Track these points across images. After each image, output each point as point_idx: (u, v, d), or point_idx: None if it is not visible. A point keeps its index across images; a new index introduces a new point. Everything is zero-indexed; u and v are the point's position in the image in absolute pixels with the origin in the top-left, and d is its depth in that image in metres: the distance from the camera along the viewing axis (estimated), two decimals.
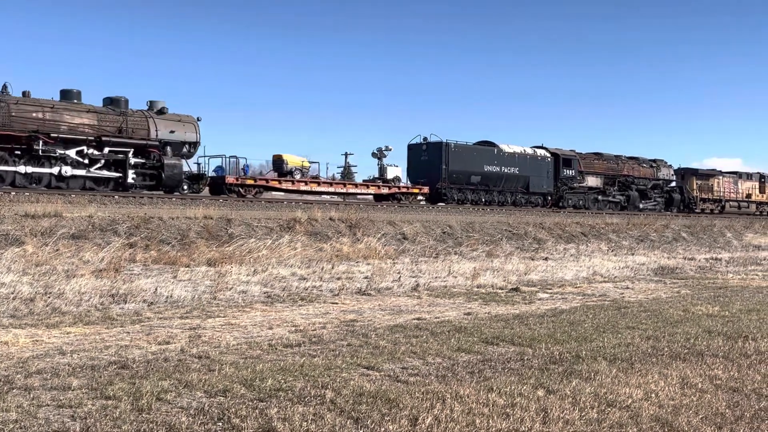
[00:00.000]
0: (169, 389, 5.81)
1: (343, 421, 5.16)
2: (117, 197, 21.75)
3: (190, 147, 26.30)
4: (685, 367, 7.15)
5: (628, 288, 14.94)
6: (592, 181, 41.14)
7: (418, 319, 9.96)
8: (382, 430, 5.02)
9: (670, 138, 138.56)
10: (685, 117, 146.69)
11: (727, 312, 11.15)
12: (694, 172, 49.52)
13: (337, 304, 11.38)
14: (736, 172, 53.51)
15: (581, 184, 40.21)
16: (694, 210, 47.00)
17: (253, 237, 17.83)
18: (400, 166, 34.52)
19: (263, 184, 29.21)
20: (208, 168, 28.39)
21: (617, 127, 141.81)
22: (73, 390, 5.74)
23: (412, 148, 35.27)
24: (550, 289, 14.31)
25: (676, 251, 25.95)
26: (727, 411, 5.78)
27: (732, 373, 7.01)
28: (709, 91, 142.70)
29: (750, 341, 8.62)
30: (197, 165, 27.72)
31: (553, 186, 38.36)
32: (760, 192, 53.98)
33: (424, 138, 34.83)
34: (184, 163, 26.06)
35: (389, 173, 33.65)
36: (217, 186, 27.87)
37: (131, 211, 18.44)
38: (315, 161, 31.80)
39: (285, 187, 29.86)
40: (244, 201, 25.11)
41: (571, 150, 40.61)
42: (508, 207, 34.71)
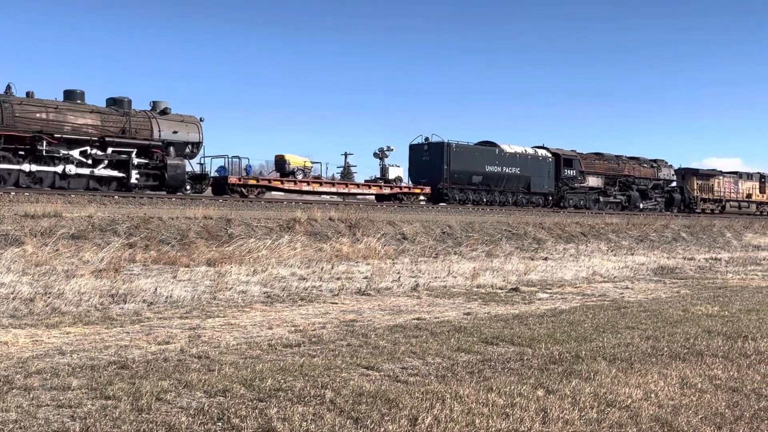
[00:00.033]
0: (168, 389, 5.81)
1: (342, 421, 5.16)
2: (117, 197, 21.75)
3: (193, 147, 26.37)
4: (684, 367, 7.15)
5: (627, 288, 14.94)
6: (593, 181, 41.17)
7: (418, 319, 9.96)
8: (382, 430, 5.02)
9: (670, 138, 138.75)
10: (685, 117, 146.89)
11: (726, 312, 11.15)
12: (695, 173, 49.55)
13: (336, 304, 11.38)
14: (736, 172, 53.52)
15: (582, 184, 40.24)
16: (694, 210, 47.02)
17: (252, 237, 17.83)
18: (401, 167, 34.61)
19: (266, 184, 29.26)
20: (210, 168, 28.48)
21: (617, 127, 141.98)
22: (72, 390, 5.74)
23: (414, 149, 35.30)
24: (550, 289, 14.31)
25: (676, 251, 25.96)
26: (726, 411, 5.78)
27: (731, 373, 7.01)
28: (709, 91, 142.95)
29: (749, 341, 8.62)
30: (200, 165, 27.83)
31: (555, 186, 38.38)
32: (761, 192, 53.99)
33: (426, 138, 34.89)
34: (186, 164, 26.14)
35: (391, 173, 33.67)
36: (220, 186, 27.91)
37: (131, 211, 18.44)
38: (317, 161, 31.91)
39: (287, 188, 29.88)
40: (243, 201, 25.10)
41: (572, 150, 40.64)
42: (509, 207, 34.71)
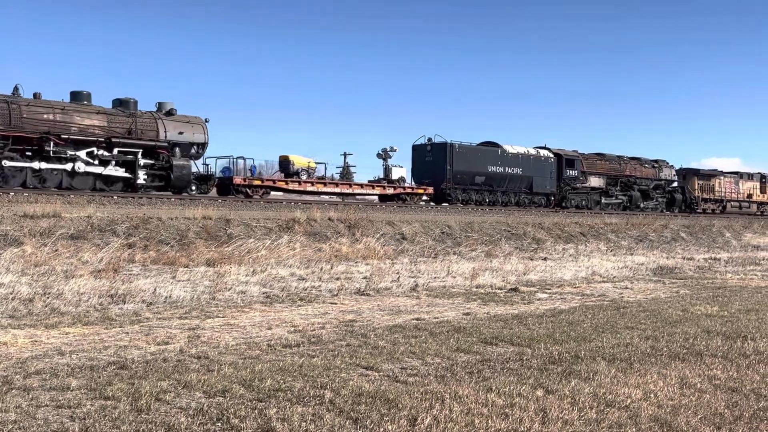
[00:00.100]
0: (168, 389, 5.81)
1: (342, 421, 5.16)
2: (116, 197, 21.76)
3: (199, 148, 26.52)
4: (684, 367, 7.15)
5: (627, 288, 14.94)
6: (594, 181, 41.23)
7: (417, 319, 9.96)
8: (381, 430, 5.02)
9: (670, 138, 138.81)
10: (685, 117, 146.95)
11: (725, 312, 11.15)
12: (696, 173, 49.61)
13: (336, 304, 11.38)
14: (737, 173, 53.55)
15: (584, 185, 40.31)
16: (695, 210, 47.09)
17: (252, 237, 17.83)
18: (404, 167, 34.67)
19: (270, 184, 29.35)
20: (215, 169, 28.60)
21: (617, 127, 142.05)
22: (72, 390, 5.74)
23: (417, 149, 35.37)
24: (549, 289, 14.31)
25: (675, 251, 25.97)
26: (725, 411, 5.79)
27: (731, 373, 7.01)
28: (709, 91, 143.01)
29: (749, 341, 8.62)
30: (205, 166, 28.02)
31: (556, 186, 38.44)
32: (761, 192, 54.03)
33: (429, 139, 34.97)
34: (192, 164, 26.29)
35: (394, 174, 33.74)
36: (225, 187, 28.04)
37: (130, 211, 18.43)
38: (321, 162, 32.05)
39: (292, 188, 29.93)
40: (242, 201, 25.13)
41: (573, 150, 40.71)
42: (511, 207, 34.76)
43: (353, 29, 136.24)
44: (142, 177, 24.44)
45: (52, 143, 22.46)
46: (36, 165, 22.36)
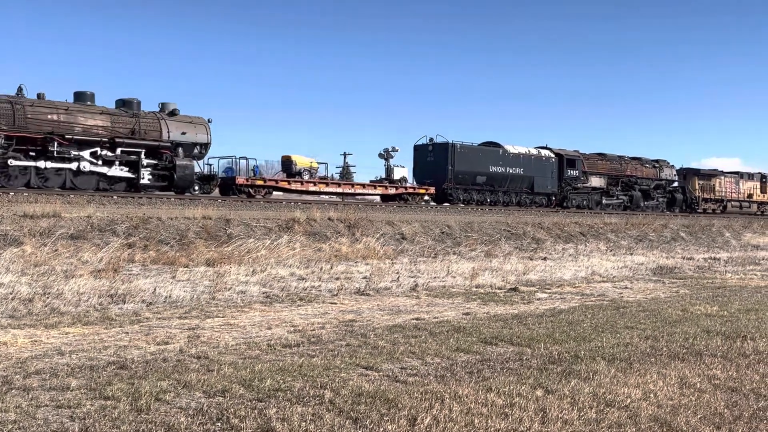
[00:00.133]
0: (167, 389, 5.81)
1: (341, 421, 5.16)
2: (116, 197, 21.77)
3: (202, 148, 26.65)
4: (683, 367, 7.15)
5: (626, 288, 14.94)
6: (595, 181, 41.29)
7: (417, 319, 9.96)
8: (381, 430, 5.02)
9: (670, 138, 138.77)
10: (685, 117, 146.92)
11: (725, 312, 11.15)
12: (696, 173, 49.65)
13: (335, 304, 11.38)
14: (737, 172, 53.58)
15: (585, 185, 40.37)
16: (696, 210, 47.13)
17: (251, 237, 17.83)
18: (406, 167, 34.73)
19: (273, 185, 29.40)
20: (218, 169, 28.70)
21: (617, 127, 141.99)
22: (71, 390, 5.74)
23: (418, 149, 35.44)
24: (549, 288, 14.31)
25: (675, 251, 25.97)
26: (725, 411, 5.79)
27: (730, 372, 7.02)
28: (709, 91, 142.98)
29: (748, 341, 8.62)
30: (208, 166, 28.14)
31: (558, 186, 38.49)
32: (762, 192, 54.05)
33: (430, 139, 35.07)
34: (195, 164, 26.37)
35: (396, 174, 33.79)
36: (228, 187, 28.14)
37: (130, 211, 18.43)
38: (323, 162, 32.18)
39: (294, 188, 29.97)
40: (242, 201, 25.14)
41: (574, 150, 40.77)
42: (513, 207, 34.80)
43: (353, 29, 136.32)
44: (147, 177, 24.58)
45: (55, 143, 22.61)
46: (41, 164, 22.53)
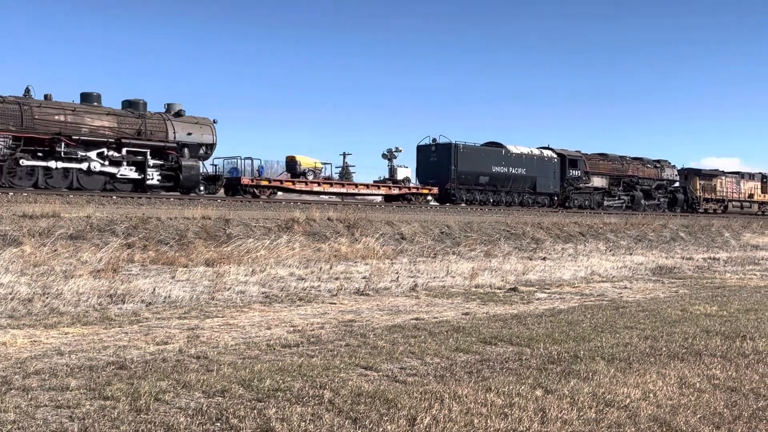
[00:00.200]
0: (167, 389, 5.81)
1: (341, 421, 5.16)
2: (115, 197, 21.78)
3: (207, 149, 26.80)
4: (683, 367, 7.15)
5: (626, 288, 14.94)
6: (597, 181, 41.39)
7: (417, 319, 9.96)
8: (381, 430, 5.02)
9: (669, 138, 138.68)
10: (685, 117, 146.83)
11: (725, 312, 11.16)
12: (697, 173, 49.72)
13: (335, 304, 11.38)
14: (738, 173, 53.62)
15: (587, 185, 40.48)
16: (697, 210, 47.22)
17: (251, 237, 17.83)
18: (409, 167, 34.77)
19: (278, 185, 29.52)
20: (223, 169, 28.78)
21: (618, 127, 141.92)
22: (71, 390, 5.74)
23: (422, 150, 35.54)
24: (548, 288, 14.32)
25: (674, 251, 25.98)
26: (725, 411, 5.79)
27: (730, 372, 7.02)
28: (709, 91, 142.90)
29: (748, 341, 8.63)
30: (214, 166, 28.31)
31: (560, 186, 38.57)
32: (762, 192, 54.10)
33: (433, 139, 35.18)
34: (201, 165, 26.55)
35: (399, 174, 33.86)
36: (233, 187, 28.27)
37: (129, 211, 18.43)
38: (327, 162, 32.28)
39: (298, 188, 30.06)
40: (241, 201, 25.18)
41: (576, 151, 40.86)
42: (515, 207, 34.87)
43: (353, 29, 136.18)
44: (156, 178, 24.81)
45: (63, 144, 22.77)
46: (52, 164, 22.71)
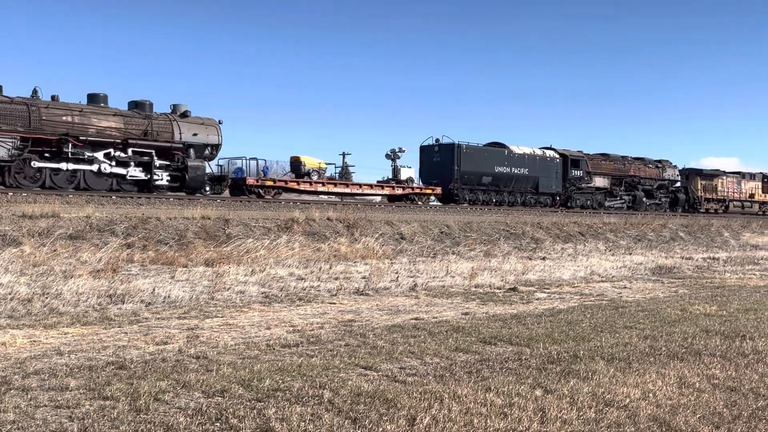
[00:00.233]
0: (167, 389, 5.81)
1: (341, 421, 5.16)
2: (114, 198, 21.79)
3: (213, 149, 26.91)
4: (682, 367, 7.16)
5: (625, 287, 14.95)
6: (599, 181, 41.46)
7: (416, 319, 9.96)
8: (380, 430, 5.02)
9: (669, 138, 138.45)
10: (685, 117, 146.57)
11: (724, 311, 11.16)
12: (699, 173, 49.79)
13: (335, 304, 11.38)
14: (739, 173, 53.65)
15: (589, 185, 40.56)
16: (698, 210, 47.29)
17: (250, 237, 17.82)
18: (413, 167, 34.85)
19: (282, 185, 29.60)
20: (228, 170, 28.87)
21: (618, 127, 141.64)
22: (70, 390, 5.74)
23: (425, 150, 35.61)
24: (548, 288, 14.32)
25: (674, 251, 25.99)
26: (724, 410, 5.79)
27: (729, 372, 7.02)
28: (709, 91, 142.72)
29: (747, 340, 8.63)
30: (219, 167, 28.40)
31: (562, 186, 38.63)
32: (763, 192, 54.12)
33: (436, 139, 35.26)
34: (206, 165, 26.65)
35: (403, 174, 33.92)
36: (238, 187, 28.36)
37: (129, 211, 18.43)
38: (330, 162, 32.41)
39: (303, 188, 30.13)
40: (241, 201, 25.22)
41: (578, 151, 40.94)
42: (518, 207, 34.94)
43: (353, 29, 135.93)
44: (165, 179, 25.00)
45: (70, 145, 22.88)
46: (63, 165, 22.84)
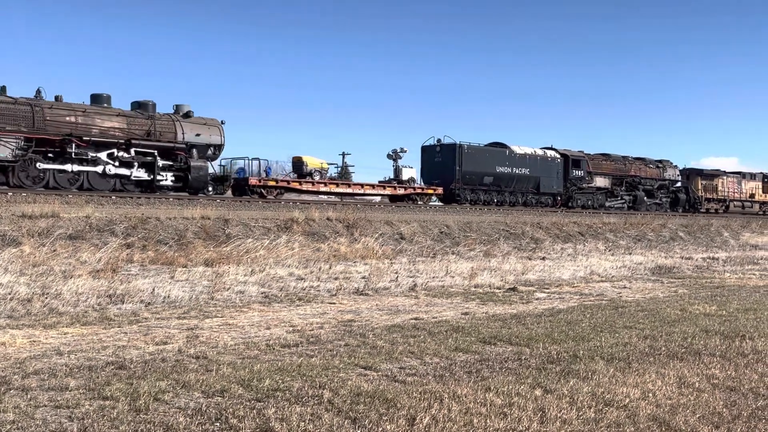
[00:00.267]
0: (166, 389, 5.81)
1: (340, 421, 5.16)
2: (114, 197, 21.79)
3: (215, 149, 27.02)
4: (682, 367, 7.16)
5: (625, 287, 14.95)
6: (600, 181, 41.52)
7: (416, 319, 9.96)
8: (380, 430, 5.02)
9: (669, 138, 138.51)
10: (685, 117, 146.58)
11: (724, 311, 11.16)
12: (699, 173, 49.84)
13: (334, 304, 11.38)
14: (739, 173, 53.70)
15: (590, 185, 40.63)
16: (699, 210, 47.35)
17: (250, 237, 17.82)
18: (414, 167, 34.92)
19: (285, 185, 29.64)
20: (231, 170, 28.92)
21: (618, 127, 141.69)
22: (70, 390, 5.74)
23: (426, 150, 35.70)
24: (548, 288, 14.32)
25: (674, 251, 25.99)
26: (724, 410, 5.79)
27: (729, 372, 7.02)
28: (708, 91, 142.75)
29: (747, 340, 8.63)
30: (221, 167, 28.47)
31: (563, 186, 38.68)
32: (764, 192, 54.14)
33: (438, 140, 35.36)
34: (209, 165, 26.75)
35: (404, 174, 33.99)
36: (240, 187, 28.38)
37: (128, 211, 18.43)
38: (332, 163, 32.51)
39: (305, 188, 30.16)
40: (240, 201, 25.22)
41: (579, 151, 41.01)
42: (519, 207, 35.00)
43: (353, 29, 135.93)
44: (169, 179, 25.11)
45: (73, 145, 22.94)
46: (68, 167, 22.91)
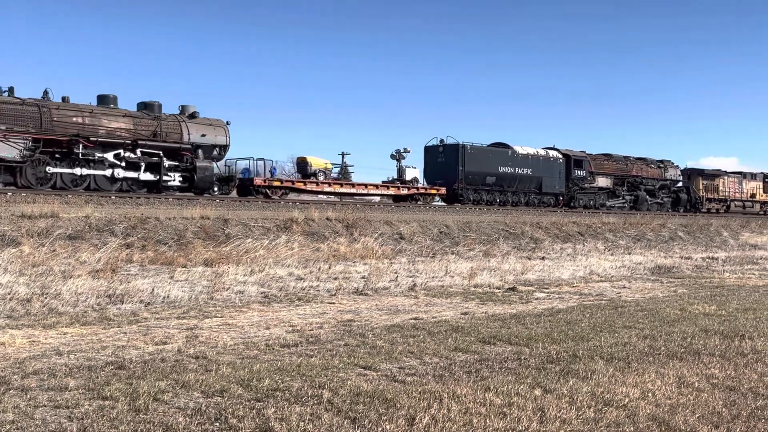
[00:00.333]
0: (166, 389, 5.81)
1: (340, 420, 5.16)
2: (113, 197, 21.79)
3: (221, 150, 27.10)
4: (681, 366, 7.16)
5: (624, 287, 14.95)
6: (602, 181, 41.58)
7: (415, 318, 9.97)
8: (380, 429, 5.02)
9: (669, 137, 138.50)
10: (685, 117, 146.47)
11: (723, 311, 11.17)
12: (700, 173, 49.89)
13: (334, 304, 11.38)
14: (740, 173, 53.71)
15: (592, 185, 40.69)
16: (700, 210, 47.40)
17: (250, 237, 17.82)
18: (417, 168, 34.99)
19: (289, 185, 29.72)
20: (235, 170, 29.01)
21: (618, 127, 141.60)
22: (70, 390, 5.74)
23: (429, 150, 35.79)
24: (547, 288, 14.32)
25: (673, 250, 26.00)
26: (723, 410, 5.79)
27: (729, 372, 7.02)
28: (708, 91, 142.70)
29: (746, 340, 8.64)
30: (227, 167, 28.53)
31: (565, 186, 38.73)
32: (765, 192, 54.15)
33: (441, 140, 35.43)
34: (214, 166, 26.81)
35: (407, 175, 34.05)
36: (245, 188, 28.45)
37: (128, 211, 18.42)
38: (337, 163, 32.52)
39: (310, 189, 30.22)
40: (240, 201, 25.25)
41: (581, 151, 41.08)
42: (521, 207, 35.04)
43: (353, 29, 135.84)
44: (177, 179, 25.25)
45: (81, 146, 23.03)
46: (77, 171, 23.06)
